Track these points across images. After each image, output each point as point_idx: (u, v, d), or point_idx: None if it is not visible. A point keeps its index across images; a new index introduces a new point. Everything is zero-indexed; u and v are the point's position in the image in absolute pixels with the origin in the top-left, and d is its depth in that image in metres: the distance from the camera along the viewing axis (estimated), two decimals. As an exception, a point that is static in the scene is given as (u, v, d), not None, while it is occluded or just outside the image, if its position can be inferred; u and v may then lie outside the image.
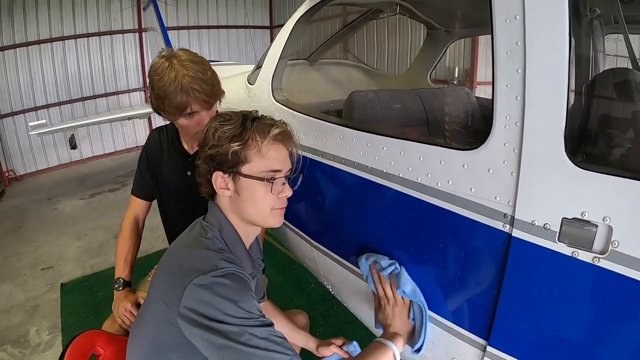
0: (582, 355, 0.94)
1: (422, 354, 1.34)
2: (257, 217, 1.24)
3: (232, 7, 10.47)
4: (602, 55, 1.60)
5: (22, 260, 4.35)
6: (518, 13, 0.91)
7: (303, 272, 3.64)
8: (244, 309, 1.00)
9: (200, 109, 1.62)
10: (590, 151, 1.10)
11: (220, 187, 1.20)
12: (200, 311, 0.99)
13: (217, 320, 0.98)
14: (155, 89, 1.58)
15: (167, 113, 1.62)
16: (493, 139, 1.00)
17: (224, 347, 0.97)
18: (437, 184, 1.17)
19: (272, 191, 1.19)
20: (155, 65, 1.60)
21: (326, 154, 1.64)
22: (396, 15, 2.43)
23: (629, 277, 0.82)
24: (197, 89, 1.56)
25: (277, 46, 2.12)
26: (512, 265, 1.02)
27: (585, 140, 1.11)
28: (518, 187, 0.96)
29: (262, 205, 1.21)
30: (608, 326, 0.89)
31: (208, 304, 0.99)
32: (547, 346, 1.01)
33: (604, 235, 0.85)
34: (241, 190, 1.19)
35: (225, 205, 1.24)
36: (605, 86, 1.27)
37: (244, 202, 1.20)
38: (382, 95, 1.85)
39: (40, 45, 7.79)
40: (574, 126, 0.94)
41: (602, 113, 1.22)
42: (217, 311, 0.98)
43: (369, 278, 1.45)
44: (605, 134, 1.14)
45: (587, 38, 1.58)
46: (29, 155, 8.06)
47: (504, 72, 0.95)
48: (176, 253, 1.20)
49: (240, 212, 1.23)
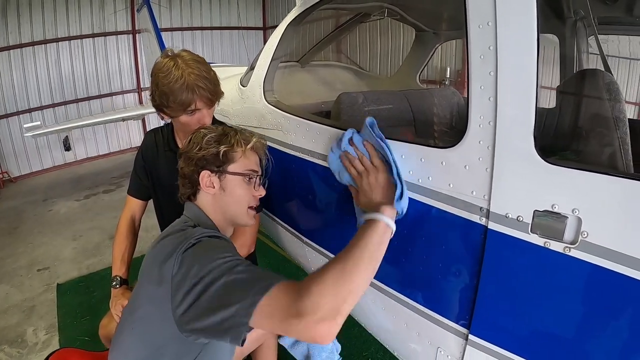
0: (558, 340, 1.00)
1: (403, 205, 1.23)
2: (236, 212, 1.41)
3: (225, 8, 10.49)
4: (581, 56, 1.66)
5: (19, 261, 4.37)
6: (490, 20, 0.97)
7: (296, 270, 3.66)
8: (222, 254, 1.11)
9: (203, 106, 1.69)
10: (558, 147, 1.16)
11: (206, 184, 1.36)
12: (192, 265, 1.08)
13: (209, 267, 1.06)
14: (160, 86, 1.63)
15: (171, 109, 1.67)
16: (469, 137, 1.06)
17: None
18: (418, 180, 1.23)
19: (254, 187, 1.42)
20: (159, 64, 1.65)
21: (315, 154, 1.69)
22: (385, 18, 2.48)
23: (598, 265, 0.87)
24: (202, 86, 1.63)
25: (269, 49, 2.17)
26: (489, 256, 1.07)
27: (554, 137, 1.17)
28: (492, 182, 1.02)
29: (242, 202, 1.40)
30: (580, 312, 0.94)
31: (193, 264, 1.08)
32: (526, 333, 1.06)
33: (574, 226, 0.90)
34: (225, 186, 1.37)
35: (206, 205, 1.39)
36: (574, 87, 1.33)
37: (227, 198, 1.38)
38: (370, 97, 1.90)
39: (34, 47, 7.79)
40: (543, 124, 1.00)
41: (569, 112, 1.28)
42: (207, 259, 1.08)
43: (342, 173, 1.41)
44: (572, 132, 1.20)
45: (571, 39, 1.65)
46: (23, 157, 8.05)
47: (477, 74, 1.01)
48: (154, 250, 1.25)
49: (222, 208, 1.40)
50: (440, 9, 2.46)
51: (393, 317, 1.48)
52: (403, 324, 1.45)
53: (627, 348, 0.88)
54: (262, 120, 2.10)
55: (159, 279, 1.11)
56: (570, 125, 1.24)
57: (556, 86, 1.49)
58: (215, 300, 1.01)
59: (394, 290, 1.45)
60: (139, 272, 1.28)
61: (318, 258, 1.90)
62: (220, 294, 1.01)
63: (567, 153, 1.15)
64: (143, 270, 1.25)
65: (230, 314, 0.98)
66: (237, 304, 0.97)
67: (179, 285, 1.07)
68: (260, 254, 2.28)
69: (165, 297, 1.09)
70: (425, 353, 1.39)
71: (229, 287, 1.02)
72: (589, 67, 1.59)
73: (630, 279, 0.83)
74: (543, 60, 0.93)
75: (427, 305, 1.33)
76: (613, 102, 1.12)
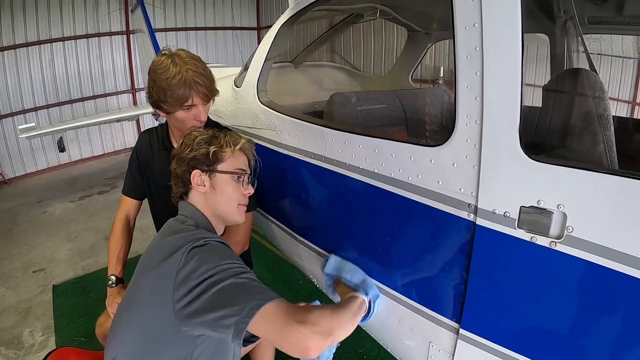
0: (546, 332, 1.02)
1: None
2: (226, 210, 1.47)
3: (220, 9, 10.48)
4: (571, 55, 1.69)
5: (14, 262, 4.36)
6: (476, 21, 0.99)
7: (291, 269, 3.69)
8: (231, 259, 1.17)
9: (200, 102, 1.72)
10: (544, 145, 1.19)
11: (197, 183, 1.43)
12: (195, 268, 1.13)
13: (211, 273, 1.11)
14: (158, 82, 1.66)
15: (168, 105, 1.69)
16: (456, 136, 1.09)
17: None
18: (408, 178, 1.26)
19: (243, 185, 1.49)
20: (157, 62, 1.69)
21: (308, 153, 1.72)
22: (377, 18, 2.50)
23: (583, 259, 0.90)
24: (200, 82, 1.67)
25: (263, 49, 2.19)
26: (477, 251, 1.10)
27: (540, 135, 1.20)
28: (480, 179, 1.05)
29: (232, 199, 1.47)
30: (567, 304, 0.97)
31: (202, 263, 1.13)
32: (515, 326, 1.09)
33: (559, 222, 0.93)
34: (215, 185, 1.44)
35: (198, 202, 1.45)
36: (559, 86, 1.36)
37: (217, 196, 1.45)
38: (362, 97, 1.93)
39: (28, 48, 7.76)
40: (528, 123, 1.02)
41: (554, 110, 1.31)
42: (208, 265, 1.13)
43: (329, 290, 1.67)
44: (557, 129, 1.23)
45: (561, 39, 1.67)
46: (18, 158, 8.01)
47: (464, 74, 1.04)
48: (160, 243, 1.28)
49: (213, 206, 1.46)
50: (431, 10, 2.48)
51: (386, 313, 1.50)
52: (396, 320, 1.47)
53: (612, 338, 0.91)
54: (256, 121, 2.12)
55: (162, 272, 1.15)
56: (555, 123, 1.27)
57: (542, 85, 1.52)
58: (221, 297, 1.07)
59: (386, 287, 1.47)
60: (137, 266, 1.31)
61: (311, 256, 1.92)
62: (226, 293, 1.08)
63: (552, 150, 1.18)
64: (143, 263, 1.27)
65: (232, 313, 1.04)
66: (242, 303, 1.05)
67: (185, 279, 1.11)
68: (254, 253, 2.30)
69: (166, 290, 1.12)
70: (418, 348, 1.41)
71: (235, 288, 1.09)
72: (575, 67, 1.61)
73: (614, 271, 0.85)
74: (535, 60, 0.95)
75: (419, 300, 1.36)
76: (597, 100, 1.15)
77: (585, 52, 1.33)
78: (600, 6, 1.63)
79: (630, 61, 4.31)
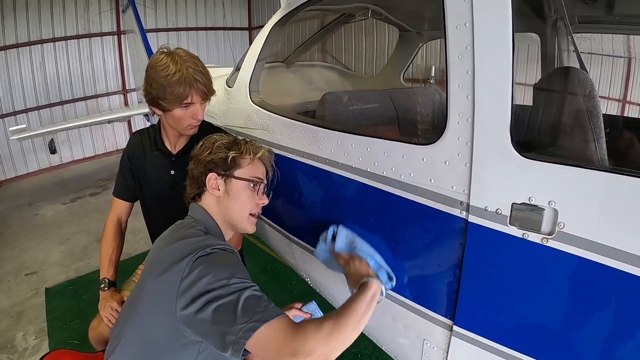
0: (539, 328, 1.03)
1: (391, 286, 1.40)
2: (238, 218, 1.45)
3: (211, 9, 10.44)
4: (561, 54, 1.70)
5: (6, 266, 4.33)
6: (467, 21, 1.00)
7: (285, 269, 3.70)
8: (238, 275, 1.14)
9: (198, 100, 1.72)
10: (535, 142, 1.20)
11: (212, 186, 1.42)
12: (200, 278, 1.11)
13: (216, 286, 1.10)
14: (157, 79, 1.66)
15: (167, 102, 1.69)
16: (448, 134, 1.10)
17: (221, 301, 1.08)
18: (400, 176, 1.27)
19: (257, 194, 1.46)
20: (156, 59, 1.69)
21: (300, 152, 1.72)
22: (369, 18, 2.51)
23: (574, 254, 0.91)
24: (200, 80, 1.68)
25: (255, 50, 2.19)
26: (470, 249, 1.11)
27: (530, 133, 1.21)
28: (471, 177, 1.06)
29: (245, 207, 1.44)
30: (559, 300, 0.98)
31: (207, 274, 1.12)
32: (508, 322, 1.10)
33: (551, 218, 0.94)
34: (230, 191, 1.42)
35: (210, 206, 1.44)
36: (550, 84, 1.37)
37: (231, 202, 1.42)
38: (354, 96, 1.93)
39: (18, 49, 7.67)
40: (519, 121, 1.03)
41: (545, 108, 1.32)
42: (214, 277, 1.11)
43: (331, 264, 1.58)
44: (548, 127, 1.24)
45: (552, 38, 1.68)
46: (8, 161, 7.92)
47: (455, 73, 1.05)
48: (167, 248, 1.26)
49: (225, 212, 1.43)
50: (422, 9, 2.49)
51: (379, 311, 1.50)
52: (389, 317, 1.48)
53: (604, 333, 0.92)
54: (248, 121, 2.12)
55: (167, 279, 1.14)
56: (546, 121, 1.28)
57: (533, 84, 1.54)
58: (219, 314, 1.06)
59: (380, 285, 1.47)
60: (144, 269, 1.31)
61: (305, 256, 1.92)
62: (225, 311, 1.06)
63: (543, 148, 1.19)
64: (149, 267, 1.27)
65: (230, 332, 1.04)
66: (239, 324, 1.03)
67: (187, 288, 1.10)
68: (248, 254, 2.30)
69: (169, 297, 1.12)
70: (411, 345, 1.42)
71: (235, 306, 1.06)
72: (565, 65, 1.63)
73: (605, 267, 0.87)
74: (526, 59, 0.96)
75: (412, 298, 1.37)
76: (587, 98, 1.16)
77: (575, 51, 1.34)
78: (590, 6, 1.65)
79: (620, 60, 4.36)
